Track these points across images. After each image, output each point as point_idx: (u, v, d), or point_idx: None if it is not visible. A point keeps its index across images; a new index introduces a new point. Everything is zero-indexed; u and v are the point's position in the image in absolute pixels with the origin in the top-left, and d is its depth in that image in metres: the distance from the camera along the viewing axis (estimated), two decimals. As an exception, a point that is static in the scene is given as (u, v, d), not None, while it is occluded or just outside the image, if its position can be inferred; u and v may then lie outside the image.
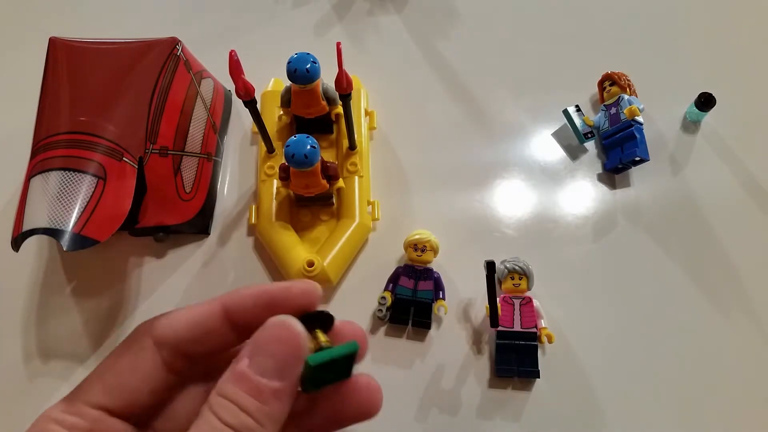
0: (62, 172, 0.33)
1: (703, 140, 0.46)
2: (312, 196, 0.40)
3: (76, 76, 0.36)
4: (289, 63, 0.37)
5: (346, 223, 0.41)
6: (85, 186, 0.33)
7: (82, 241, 0.32)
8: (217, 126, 0.44)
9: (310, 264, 0.38)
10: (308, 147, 0.36)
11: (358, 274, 0.42)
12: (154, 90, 0.37)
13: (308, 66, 0.37)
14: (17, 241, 0.33)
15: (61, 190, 0.33)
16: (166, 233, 0.42)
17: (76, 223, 0.32)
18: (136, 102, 0.36)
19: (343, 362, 0.22)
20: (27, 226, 0.32)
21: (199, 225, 0.42)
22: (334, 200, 0.43)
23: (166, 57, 0.37)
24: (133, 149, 0.36)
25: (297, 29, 0.51)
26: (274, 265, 0.41)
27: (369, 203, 0.43)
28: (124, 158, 0.35)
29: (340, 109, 0.42)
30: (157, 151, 0.37)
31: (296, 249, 0.40)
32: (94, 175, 0.34)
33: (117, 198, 0.34)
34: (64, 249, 0.31)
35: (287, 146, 0.36)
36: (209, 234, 0.43)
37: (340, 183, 0.41)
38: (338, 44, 0.34)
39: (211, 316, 0.23)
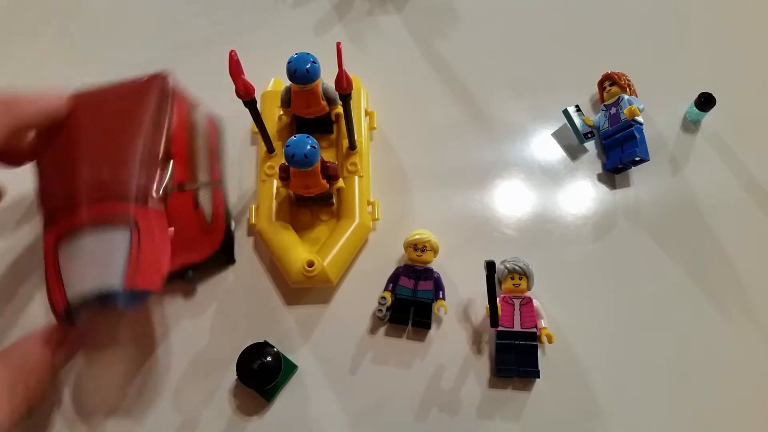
0: (94, 230, 0.32)
1: (703, 140, 0.46)
2: (312, 196, 0.40)
3: (77, 131, 0.35)
4: (289, 63, 0.37)
5: (346, 223, 0.41)
6: (120, 239, 0.32)
7: (137, 296, 0.31)
8: (217, 152, 0.43)
9: (310, 264, 0.38)
10: (308, 147, 0.36)
11: (358, 274, 0.42)
12: (158, 128, 0.35)
13: (308, 66, 0.37)
14: (69, 316, 0.31)
15: (98, 250, 0.31)
16: (196, 271, 0.40)
17: (125, 280, 0.31)
18: (144, 144, 0.35)
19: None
20: (74, 296, 0.31)
21: (228, 253, 0.42)
22: (334, 200, 0.43)
23: (162, 93, 0.36)
24: (155, 191, 0.34)
25: (297, 29, 0.51)
26: (274, 265, 0.41)
27: (369, 203, 0.43)
28: (149, 202, 0.34)
29: (340, 109, 0.42)
30: (176, 188, 0.36)
31: (296, 249, 0.40)
32: (126, 226, 0.32)
33: (156, 243, 0.33)
34: (121, 308, 0.30)
35: (287, 146, 0.36)
36: (235, 262, 0.42)
37: (340, 183, 0.41)
38: (338, 44, 0.34)
39: None
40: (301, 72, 0.37)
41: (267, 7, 0.52)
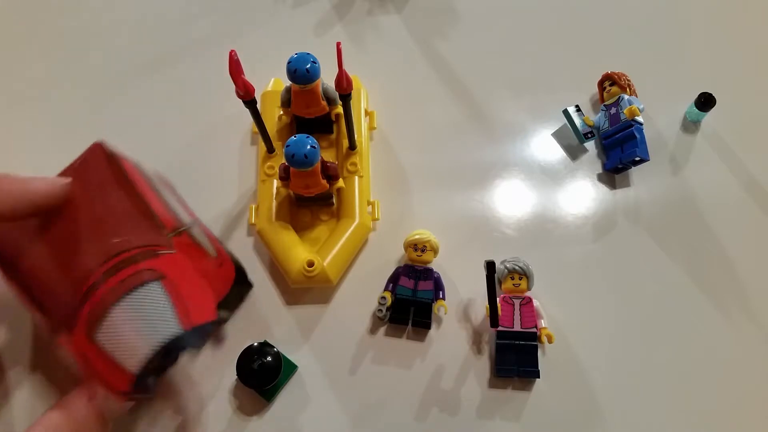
0: (123, 300, 0.30)
1: (703, 140, 0.46)
2: (312, 196, 0.40)
3: (48, 232, 0.32)
4: (289, 63, 0.37)
5: (346, 223, 0.41)
6: (154, 292, 0.31)
7: (199, 332, 0.31)
8: (177, 195, 0.42)
9: (310, 264, 0.38)
10: (308, 147, 0.36)
11: (358, 274, 0.42)
12: (124, 188, 0.34)
13: (308, 66, 0.37)
14: (141, 385, 0.30)
15: (138, 312, 0.30)
16: (228, 310, 0.39)
17: (182, 321, 0.30)
18: (122, 207, 0.33)
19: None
20: (138, 364, 0.29)
21: (244, 280, 0.40)
22: (334, 200, 0.43)
23: (108, 158, 0.35)
24: (158, 241, 0.33)
25: (297, 29, 0.51)
26: (274, 265, 0.41)
27: (369, 203, 0.43)
28: (160, 252, 0.33)
29: (340, 109, 0.42)
30: (174, 233, 0.35)
31: (296, 249, 0.40)
32: (152, 280, 0.31)
33: (188, 278, 0.33)
34: (195, 349, 0.30)
35: (287, 146, 0.36)
36: (253, 286, 0.41)
37: (340, 183, 0.41)
38: (338, 44, 0.34)
39: None
40: (301, 72, 0.37)
41: (267, 7, 0.52)
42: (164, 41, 0.51)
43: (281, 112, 0.44)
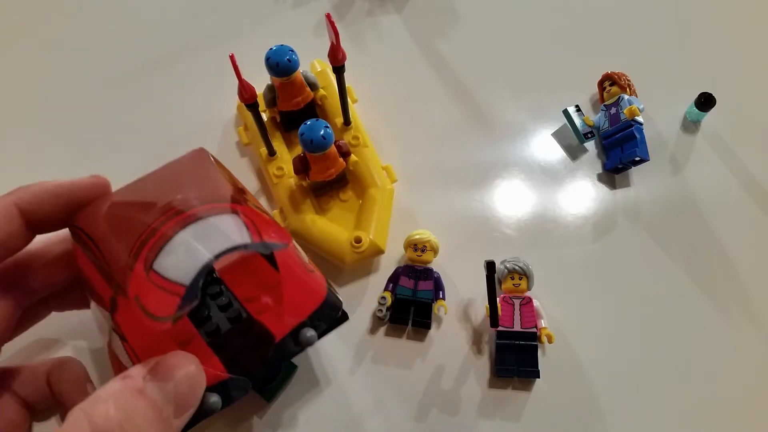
0: (191, 225, 0.26)
1: (703, 140, 0.46)
2: (331, 179, 0.40)
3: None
4: (268, 59, 0.37)
5: (372, 193, 0.41)
6: (230, 220, 0.27)
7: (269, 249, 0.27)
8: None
9: (358, 240, 0.39)
10: (323, 129, 0.36)
11: (358, 274, 0.42)
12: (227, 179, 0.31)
13: (288, 57, 0.37)
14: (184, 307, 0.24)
15: (205, 231, 0.26)
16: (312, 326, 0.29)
17: (253, 237, 0.26)
18: (200, 176, 0.31)
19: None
20: (187, 275, 0.24)
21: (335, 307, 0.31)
22: (348, 178, 0.43)
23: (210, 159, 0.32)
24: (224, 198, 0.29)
25: (297, 29, 0.51)
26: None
27: (383, 168, 0.43)
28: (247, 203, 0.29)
29: (322, 92, 0.42)
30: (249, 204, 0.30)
31: (336, 233, 0.40)
32: (229, 212, 0.27)
33: (270, 223, 0.29)
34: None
35: (302, 134, 0.36)
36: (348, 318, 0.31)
37: (354, 156, 0.41)
38: (328, 15, 0.33)
39: (9, 217, 0.26)
40: (283, 63, 0.37)
41: (267, 7, 0.52)
42: (164, 41, 0.51)
43: (266, 116, 0.43)
